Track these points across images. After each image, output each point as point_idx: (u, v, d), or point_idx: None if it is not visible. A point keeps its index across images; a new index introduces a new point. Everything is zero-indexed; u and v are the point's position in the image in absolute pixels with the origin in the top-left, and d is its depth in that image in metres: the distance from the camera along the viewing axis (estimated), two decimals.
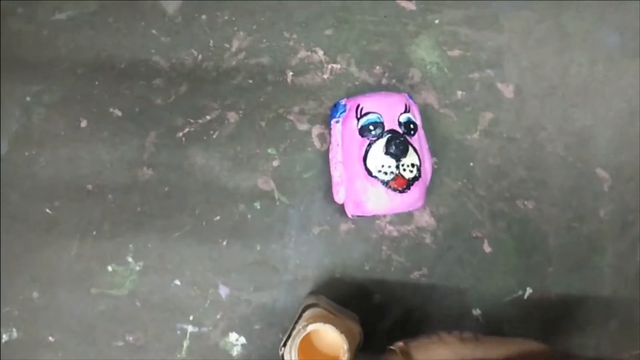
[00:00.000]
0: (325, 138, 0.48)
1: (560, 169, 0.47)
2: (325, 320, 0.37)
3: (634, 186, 0.47)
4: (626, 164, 0.47)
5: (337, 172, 0.43)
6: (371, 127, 0.41)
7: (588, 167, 0.47)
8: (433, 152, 0.46)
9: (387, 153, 0.40)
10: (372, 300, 0.46)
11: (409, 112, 0.42)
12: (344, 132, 0.42)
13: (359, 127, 0.41)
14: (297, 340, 0.37)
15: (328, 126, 0.46)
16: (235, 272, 0.47)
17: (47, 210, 0.48)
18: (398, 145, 0.40)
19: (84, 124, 0.48)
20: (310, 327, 0.37)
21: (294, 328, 0.39)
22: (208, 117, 0.47)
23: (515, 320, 0.46)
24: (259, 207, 0.48)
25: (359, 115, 0.41)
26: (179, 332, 0.47)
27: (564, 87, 0.47)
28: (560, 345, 0.46)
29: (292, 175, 0.48)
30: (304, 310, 0.41)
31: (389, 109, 0.41)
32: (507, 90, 0.47)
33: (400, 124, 0.41)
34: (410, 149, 0.41)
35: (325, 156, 0.47)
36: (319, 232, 0.47)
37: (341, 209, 0.46)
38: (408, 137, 0.41)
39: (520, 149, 0.47)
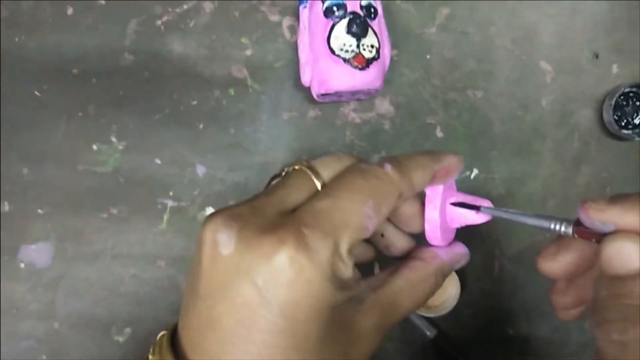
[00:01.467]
0: (295, 29, 0.51)
1: (507, 61, 0.51)
2: None
3: (573, 78, 0.51)
4: (567, 57, 0.51)
5: (303, 54, 0.47)
6: (335, 9, 0.45)
7: (532, 60, 0.51)
8: (394, 45, 0.51)
9: (348, 32, 0.44)
10: None
11: None
12: (310, 16, 0.46)
13: (324, 8, 0.45)
14: None
15: (297, 15, 0.50)
16: (211, 153, 0.52)
17: (36, 93, 0.51)
18: (359, 24, 0.44)
19: (70, 11, 0.51)
20: None
21: None
22: (185, 7, 0.51)
23: None
24: (232, 93, 0.52)
25: None
26: (159, 206, 0.51)
27: None
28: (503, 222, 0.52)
29: (264, 64, 0.52)
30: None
31: None
32: None
33: (361, 7, 0.45)
34: (370, 30, 0.45)
35: (294, 47, 0.51)
36: (288, 117, 0.52)
37: (309, 96, 0.51)
38: (369, 20, 0.45)
39: (472, 42, 0.51)
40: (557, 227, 0.27)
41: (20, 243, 0.51)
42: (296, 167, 0.25)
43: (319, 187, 0.24)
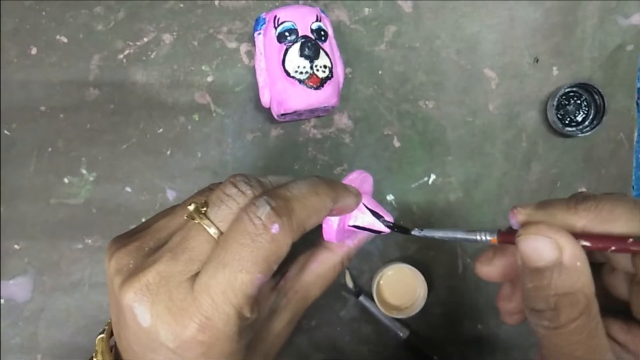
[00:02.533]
0: (252, 55, 0.54)
1: (454, 71, 0.55)
2: None
3: (517, 83, 0.55)
4: (509, 63, 0.55)
5: (261, 78, 0.50)
6: (287, 34, 0.48)
7: (477, 68, 0.55)
8: (347, 63, 0.54)
9: (301, 55, 0.47)
10: None
11: (320, 21, 0.49)
12: (265, 42, 0.49)
13: (277, 34, 0.48)
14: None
15: (253, 41, 0.52)
16: (180, 178, 0.54)
17: (6, 132, 0.53)
18: (310, 47, 0.47)
19: (34, 51, 0.53)
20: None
21: None
22: (145, 39, 0.53)
23: (422, 202, 0.54)
24: (197, 118, 0.54)
25: (276, 25, 0.48)
26: None
27: (455, 0, 0.55)
28: (463, 221, 0.55)
29: (225, 89, 0.54)
30: None
31: (302, 18, 0.48)
32: (406, 6, 0.54)
33: (312, 30, 0.48)
34: (322, 52, 0.48)
35: (253, 71, 0.54)
36: (252, 138, 0.54)
37: (270, 117, 0.53)
38: (320, 42, 0.48)
39: (420, 56, 0.55)
40: (483, 237, 0.29)
41: None
42: (195, 221, 0.27)
43: (216, 239, 0.26)
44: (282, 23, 0.48)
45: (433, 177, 0.55)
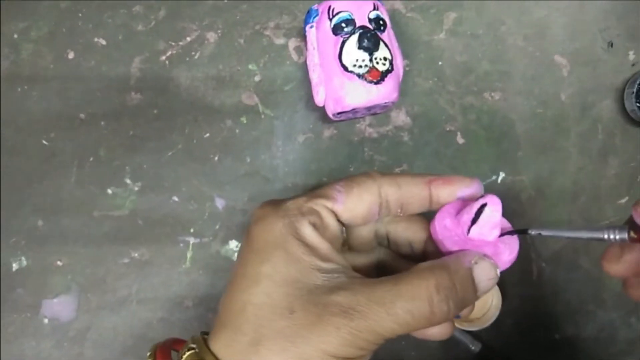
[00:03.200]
0: (302, 50, 0.50)
1: (521, 59, 0.50)
2: None
3: (590, 69, 0.50)
4: (581, 49, 0.50)
5: (315, 74, 0.46)
6: (343, 25, 0.44)
7: (547, 55, 0.50)
8: (404, 54, 0.49)
9: (360, 47, 0.43)
10: None
11: (377, 10, 0.45)
12: (318, 35, 0.45)
13: (332, 26, 0.44)
14: None
15: (303, 36, 0.49)
16: (228, 185, 0.50)
17: (44, 142, 0.50)
18: (370, 38, 0.43)
19: (71, 55, 0.50)
20: None
21: None
22: (188, 39, 0.50)
23: None
24: (245, 121, 0.50)
25: (331, 16, 0.44)
26: (181, 245, 0.50)
27: None
28: (536, 223, 0.50)
29: (273, 89, 0.51)
30: None
31: (359, 8, 0.44)
32: None
33: (370, 20, 0.44)
34: (382, 43, 0.44)
35: (303, 68, 0.50)
36: (303, 140, 0.51)
37: (323, 116, 0.49)
38: (379, 33, 0.44)
39: (484, 44, 0.50)
40: (611, 236, 0.26)
41: (41, 298, 0.49)
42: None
43: None
44: (337, 13, 0.44)
45: (502, 175, 0.50)
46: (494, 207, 0.27)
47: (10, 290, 0.49)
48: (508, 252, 0.28)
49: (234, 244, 0.50)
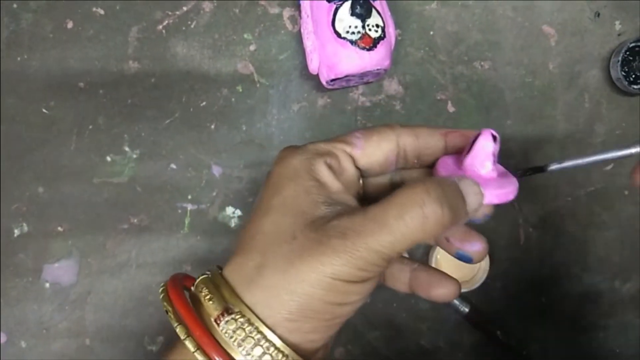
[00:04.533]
0: (296, 20, 0.51)
1: (510, 29, 0.51)
2: None
3: (578, 39, 0.52)
4: (569, 19, 0.51)
5: (309, 42, 0.47)
6: None
7: (535, 25, 0.51)
8: (396, 24, 0.51)
9: (352, 14, 0.44)
10: None
11: None
12: (312, 3, 0.46)
13: None
14: None
15: (297, 5, 0.50)
16: (225, 152, 0.52)
17: (44, 110, 0.51)
18: (362, 5, 0.44)
19: (70, 25, 0.51)
20: None
21: None
22: (185, 8, 0.51)
23: None
24: (240, 90, 0.52)
25: None
26: (179, 211, 0.51)
27: None
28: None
29: (268, 58, 0.52)
30: None
31: None
32: None
33: None
34: (374, 10, 0.45)
35: (297, 37, 0.51)
36: (298, 108, 0.52)
37: (317, 85, 0.51)
38: (371, 0, 0.45)
39: (474, 14, 0.51)
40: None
41: (43, 263, 0.51)
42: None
43: None
44: None
45: None
46: (486, 137, 0.27)
47: (12, 255, 0.50)
48: (498, 186, 0.28)
49: (230, 210, 0.51)
